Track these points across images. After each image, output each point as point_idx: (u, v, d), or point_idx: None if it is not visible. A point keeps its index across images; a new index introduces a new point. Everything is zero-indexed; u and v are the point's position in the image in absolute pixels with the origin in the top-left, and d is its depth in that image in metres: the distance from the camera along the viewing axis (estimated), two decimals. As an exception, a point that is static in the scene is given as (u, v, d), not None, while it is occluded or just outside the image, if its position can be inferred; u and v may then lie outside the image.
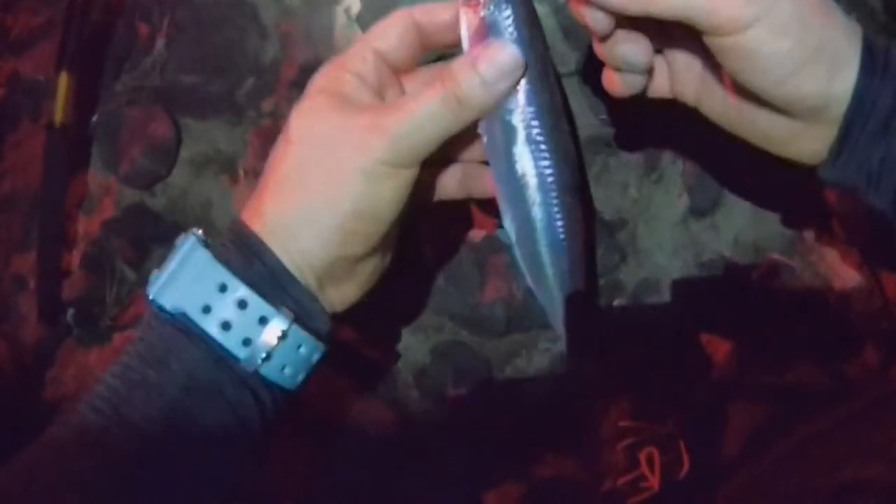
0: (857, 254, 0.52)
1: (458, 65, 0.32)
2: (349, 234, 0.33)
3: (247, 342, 0.32)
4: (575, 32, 0.51)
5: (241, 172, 0.56)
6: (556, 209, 0.34)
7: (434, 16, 0.35)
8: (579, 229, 0.35)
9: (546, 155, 0.33)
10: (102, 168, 0.59)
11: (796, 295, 0.52)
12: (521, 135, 0.33)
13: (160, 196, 0.58)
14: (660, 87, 0.38)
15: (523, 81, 0.33)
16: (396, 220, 0.34)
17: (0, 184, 0.66)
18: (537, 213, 0.34)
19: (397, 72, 0.37)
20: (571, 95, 0.51)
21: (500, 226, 0.36)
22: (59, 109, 0.55)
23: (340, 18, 0.52)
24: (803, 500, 0.40)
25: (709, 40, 0.31)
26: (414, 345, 0.52)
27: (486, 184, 0.37)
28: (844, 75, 0.31)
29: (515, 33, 0.32)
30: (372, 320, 0.53)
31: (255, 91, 0.55)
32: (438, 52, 0.39)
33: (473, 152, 0.38)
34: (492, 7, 0.32)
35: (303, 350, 0.34)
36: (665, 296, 0.51)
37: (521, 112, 0.33)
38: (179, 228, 0.51)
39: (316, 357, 0.35)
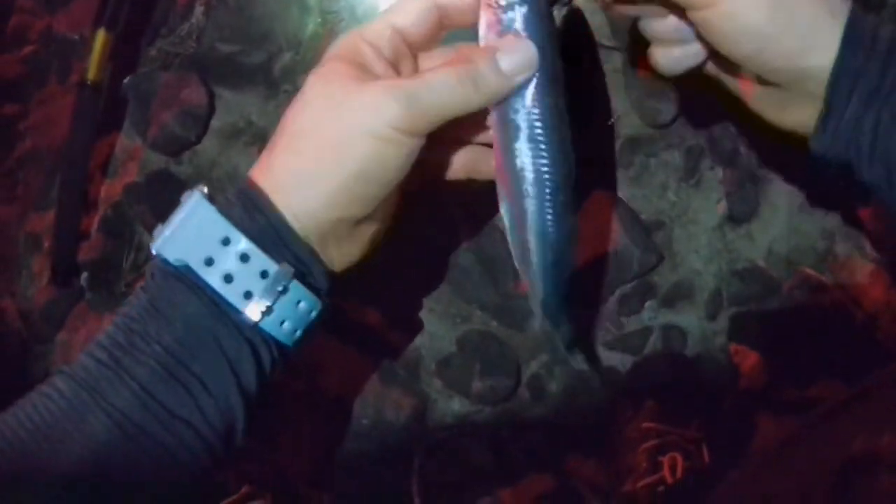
0: (887, 274, 0.52)
1: (478, 51, 0.34)
2: (353, 195, 0.34)
3: (248, 295, 0.33)
4: (621, 31, 0.50)
5: (271, 145, 0.55)
6: (548, 205, 0.36)
7: None
8: (567, 227, 0.37)
9: (545, 154, 0.35)
10: (130, 131, 0.58)
11: (825, 310, 0.52)
12: (524, 131, 0.35)
13: (186, 164, 0.57)
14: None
15: (534, 80, 0.35)
16: (398, 187, 0.35)
17: (22, 140, 0.65)
18: (530, 205, 0.36)
19: (414, 49, 0.38)
20: (616, 94, 0.50)
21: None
22: (93, 66, 0.54)
23: (386, -1, 0.52)
24: (813, 474, 0.40)
25: (689, 14, 0.33)
26: (440, 332, 0.51)
27: (490, 168, 0.39)
28: (821, 52, 0.32)
29: (530, 34, 0.35)
30: (400, 304, 0.52)
31: (291, 65, 0.54)
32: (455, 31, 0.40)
33: (481, 136, 0.39)
34: (511, 7, 0.34)
35: (302, 305, 0.34)
36: (697, 301, 0.51)
37: (527, 110, 0.35)
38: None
39: (314, 314, 0.35)
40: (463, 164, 0.39)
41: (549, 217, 0.36)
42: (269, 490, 0.51)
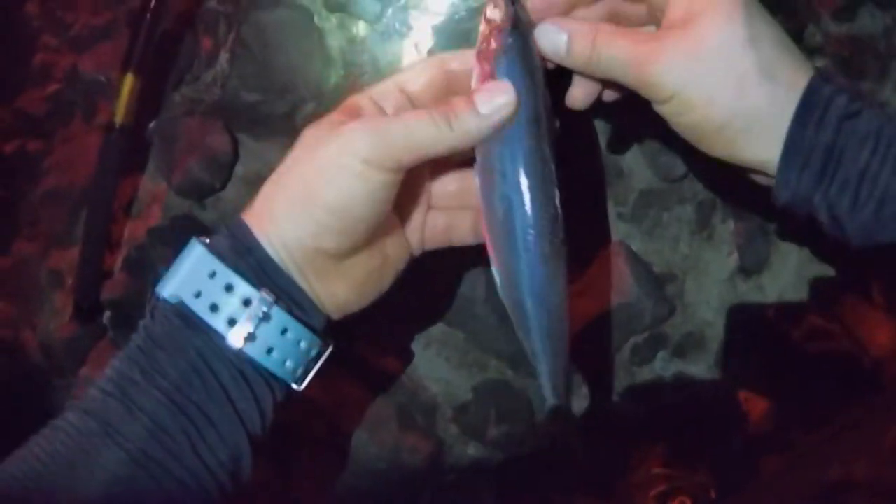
0: (894, 321, 0.53)
1: (457, 96, 0.35)
2: (322, 226, 0.35)
3: (231, 322, 0.34)
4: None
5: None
6: (538, 260, 0.35)
7: (469, 64, 0.37)
8: (560, 279, 0.36)
9: (531, 205, 0.34)
10: (154, 174, 0.59)
11: (833, 357, 0.53)
12: (508, 183, 0.34)
13: (210, 209, 0.58)
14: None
15: (516, 129, 0.35)
16: (372, 225, 0.35)
17: (45, 177, 0.66)
18: (521, 263, 0.35)
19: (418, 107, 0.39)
20: (628, 148, 0.52)
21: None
22: (120, 109, 0.55)
23: (409, 53, 0.53)
24: (795, 493, 0.41)
25: (653, 106, 0.36)
26: (457, 380, 0.52)
27: (465, 231, 0.40)
28: (764, 142, 0.34)
29: (513, 77, 0.35)
30: (418, 351, 0.53)
31: (314, 115, 0.54)
32: None
33: (456, 199, 0.40)
34: (498, 58, 0.35)
35: (290, 335, 0.35)
36: (708, 351, 0.52)
37: (509, 160, 0.35)
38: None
39: (305, 345, 0.36)
40: (471, 228, 0.40)
41: (540, 274, 0.35)
42: (287, 528, 0.52)
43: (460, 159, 0.39)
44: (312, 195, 0.34)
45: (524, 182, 0.35)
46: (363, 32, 0.54)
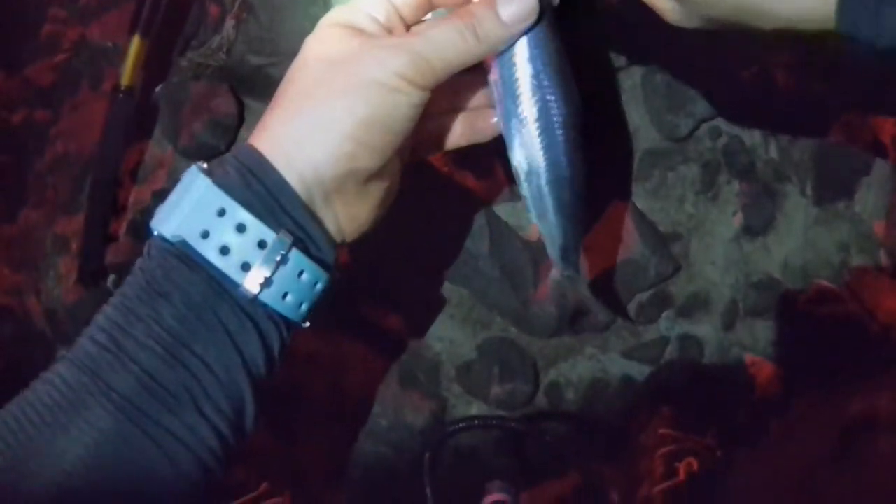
0: (901, 287, 0.53)
1: (477, 5, 0.34)
2: (360, 143, 0.33)
3: (245, 266, 0.32)
4: (640, 46, 0.52)
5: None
6: (560, 146, 0.36)
7: None
8: (581, 165, 0.37)
9: (551, 95, 0.35)
10: (160, 139, 0.59)
11: (840, 322, 0.52)
12: (529, 75, 0.35)
13: (215, 171, 0.58)
14: None
15: (534, 28, 0.35)
16: (404, 141, 0.35)
17: (53, 145, 0.66)
18: (545, 153, 0.36)
19: (405, 21, 0.38)
20: (634, 108, 0.52)
21: (510, 164, 0.38)
22: (126, 72, 0.55)
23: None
24: (816, 442, 0.40)
25: None
26: (460, 338, 0.52)
27: (486, 128, 0.39)
28: None
29: None
30: (421, 309, 0.53)
31: None
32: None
33: (474, 101, 0.39)
34: None
35: (305, 277, 0.33)
36: (713, 311, 0.52)
37: (530, 55, 0.35)
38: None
39: (320, 286, 0.34)
40: (462, 130, 0.39)
41: (562, 158, 0.36)
42: (288, 487, 0.52)
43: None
44: (349, 111, 0.32)
45: (543, 69, 0.35)
46: (369, -5, 0.55)
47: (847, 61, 0.45)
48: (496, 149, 0.38)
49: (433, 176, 0.51)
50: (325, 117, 0.33)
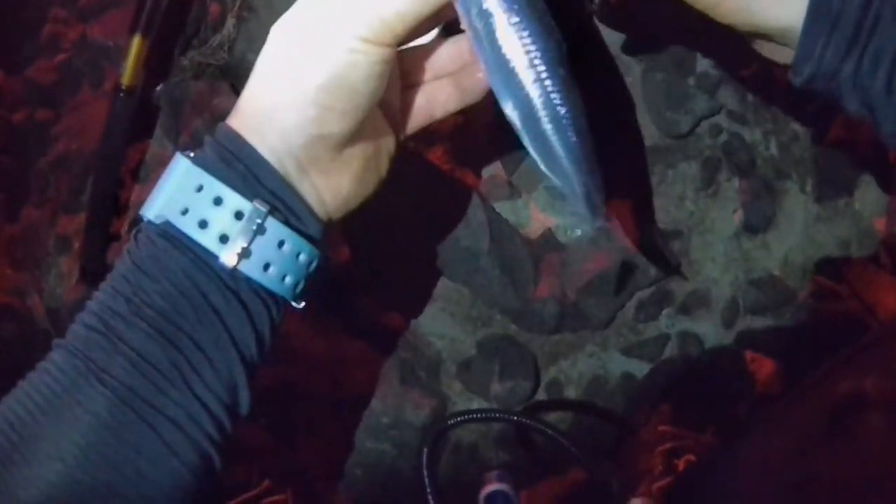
0: (901, 284, 0.53)
1: None
2: (325, 108, 0.33)
3: (223, 238, 0.32)
4: (640, 44, 0.52)
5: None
6: (550, 84, 0.34)
7: None
8: (578, 99, 0.35)
9: (526, 30, 0.33)
10: (161, 138, 0.59)
11: (840, 319, 0.52)
12: (502, 18, 0.33)
13: (216, 170, 0.58)
14: None
15: None
16: (371, 101, 0.34)
17: (55, 145, 0.67)
18: (534, 92, 0.34)
19: None
20: (634, 106, 0.52)
21: (503, 115, 0.36)
22: (127, 71, 0.55)
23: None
24: (808, 422, 0.40)
25: None
26: (461, 336, 0.52)
27: (474, 85, 0.38)
28: (785, 5, 0.31)
29: None
30: (422, 306, 0.53)
31: None
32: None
33: (456, 62, 0.38)
34: None
35: (287, 247, 0.33)
36: (713, 309, 0.52)
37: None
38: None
39: (305, 258, 0.34)
40: (449, 94, 0.38)
41: (556, 97, 0.34)
42: (289, 485, 0.52)
43: (426, 30, 0.37)
44: (311, 77, 0.32)
45: (510, 6, 0.33)
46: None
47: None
48: (496, 146, 0.38)
49: (433, 173, 0.51)
50: (289, 87, 0.33)
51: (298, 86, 0.33)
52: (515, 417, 0.47)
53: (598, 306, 0.51)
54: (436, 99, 0.38)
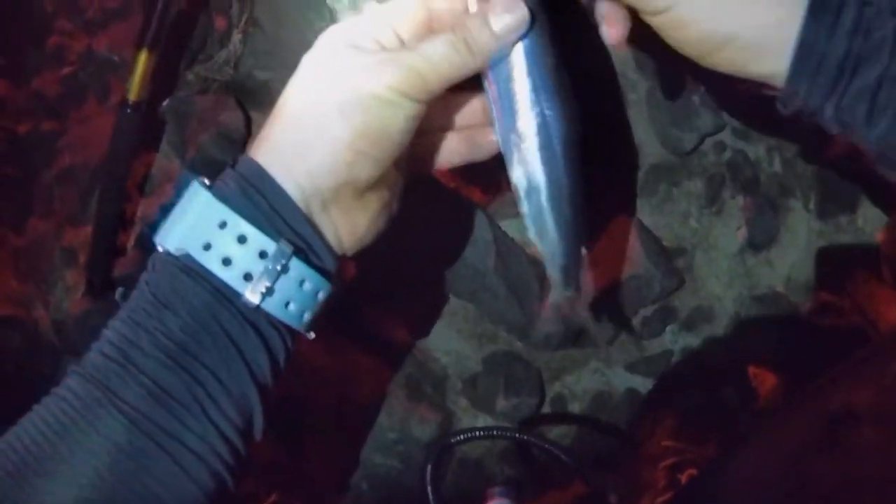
0: (903, 299, 0.53)
1: (469, 17, 0.35)
2: (358, 153, 0.33)
3: (247, 277, 0.33)
4: (644, 62, 0.52)
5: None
6: (560, 162, 0.36)
7: (448, 1, 0.37)
8: (582, 180, 0.36)
9: (549, 110, 0.35)
10: (168, 152, 0.60)
11: (843, 333, 0.53)
12: (525, 90, 0.35)
13: (223, 184, 0.58)
14: None
15: (528, 39, 0.35)
16: (400, 151, 0.35)
17: (60, 157, 0.67)
18: (542, 166, 0.36)
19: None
20: (639, 123, 0.52)
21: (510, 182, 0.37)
22: (134, 86, 0.55)
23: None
24: (803, 436, 0.41)
25: (641, 16, 0.35)
26: (467, 352, 0.52)
27: (484, 145, 0.39)
28: (771, 56, 0.33)
29: None
30: (429, 323, 0.54)
31: None
32: None
33: (473, 117, 0.39)
34: None
35: (307, 286, 0.34)
36: (717, 325, 0.52)
37: (527, 70, 0.35)
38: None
39: (322, 295, 0.35)
40: (459, 147, 0.39)
41: (562, 174, 0.36)
42: (296, 498, 0.53)
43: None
44: (345, 123, 0.33)
45: (541, 84, 0.35)
46: (375, 10, 0.55)
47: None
48: (503, 164, 0.38)
49: (440, 191, 0.51)
50: (323, 129, 0.33)
51: (335, 130, 0.33)
52: (517, 435, 0.47)
53: (602, 323, 0.52)
54: (445, 148, 0.39)
